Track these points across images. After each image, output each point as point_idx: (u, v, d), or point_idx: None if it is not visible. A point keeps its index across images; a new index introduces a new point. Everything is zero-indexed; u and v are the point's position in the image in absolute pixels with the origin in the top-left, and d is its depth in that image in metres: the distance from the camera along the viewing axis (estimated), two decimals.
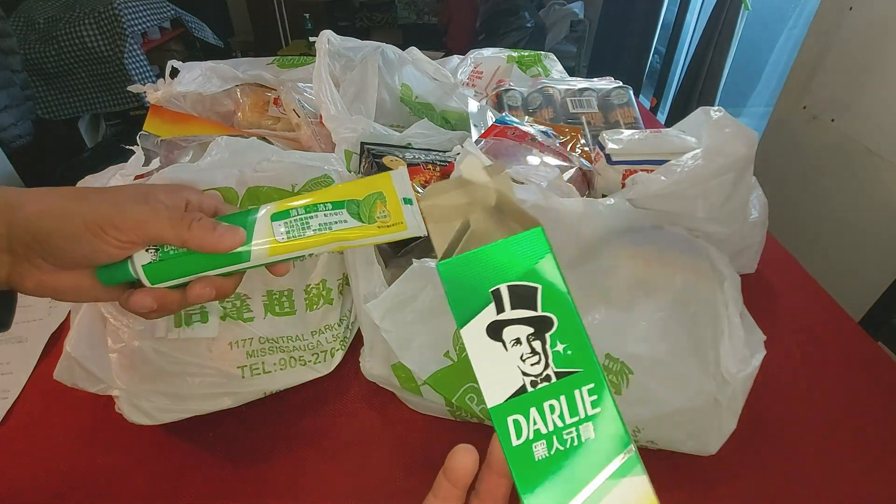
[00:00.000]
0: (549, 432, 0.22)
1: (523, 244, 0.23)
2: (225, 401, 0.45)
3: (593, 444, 0.22)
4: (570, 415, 0.22)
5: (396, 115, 0.72)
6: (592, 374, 0.22)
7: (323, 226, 0.32)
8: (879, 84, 1.04)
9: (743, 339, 0.42)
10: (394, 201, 0.32)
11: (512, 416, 0.22)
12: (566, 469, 0.21)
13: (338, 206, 0.32)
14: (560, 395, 0.22)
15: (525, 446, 0.21)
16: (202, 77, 0.74)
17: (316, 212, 0.32)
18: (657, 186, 0.46)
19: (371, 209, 0.32)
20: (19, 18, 1.85)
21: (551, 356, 0.22)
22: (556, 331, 0.22)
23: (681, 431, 0.41)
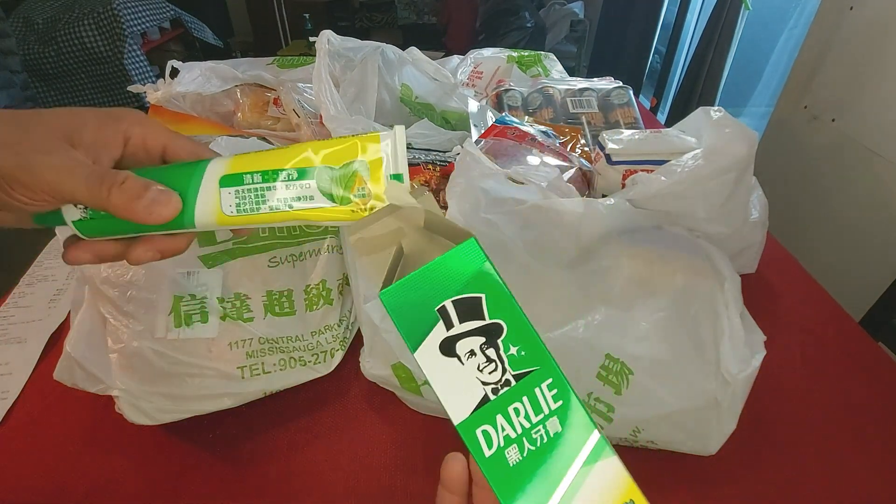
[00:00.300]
0: (518, 435, 0.22)
1: (459, 257, 0.23)
2: (225, 401, 0.45)
3: (562, 437, 0.22)
4: (534, 413, 0.22)
5: (396, 116, 0.72)
6: (549, 369, 0.23)
7: (282, 202, 0.25)
8: (879, 84, 1.04)
9: (743, 339, 0.42)
10: (377, 175, 0.25)
11: (480, 427, 0.22)
12: (541, 467, 0.22)
13: (305, 174, 0.25)
14: (522, 397, 0.22)
15: (498, 455, 0.22)
16: (202, 77, 0.74)
17: (275, 181, 0.25)
18: (657, 186, 0.46)
19: (347, 183, 0.25)
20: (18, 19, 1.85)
21: (507, 360, 0.23)
22: (506, 335, 0.23)
23: (681, 431, 0.41)
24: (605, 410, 0.41)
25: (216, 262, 0.46)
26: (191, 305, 0.44)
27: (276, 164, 0.25)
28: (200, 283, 0.45)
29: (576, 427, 0.22)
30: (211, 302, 0.44)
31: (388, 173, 0.25)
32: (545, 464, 0.22)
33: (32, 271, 0.66)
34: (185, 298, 0.44)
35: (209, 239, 0.46)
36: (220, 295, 0.45)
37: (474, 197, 0.44)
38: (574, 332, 0.44)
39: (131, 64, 1.88)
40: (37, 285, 0.64)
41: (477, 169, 0.46)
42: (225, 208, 0.25)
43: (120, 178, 0.24)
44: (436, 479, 0.42)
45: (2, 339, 0.56)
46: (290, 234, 0.48)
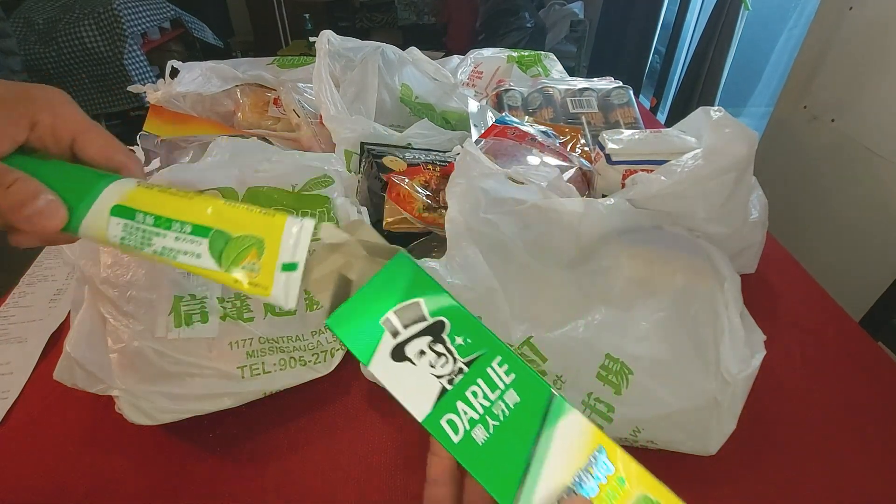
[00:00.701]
0: (481, 415, 0.23)
1: (392, 271, 0.25)
2: (225, 401, 0.45)
3: (522, 406, 0.23)
4: (491, 391, 0.23)
5: (396, 116, 0.72)
6: (495, 349, 0.24)
7: (167, 251, 0.25)
8: (879, 84, 1.04)
9: (743, 339, 0.42)
10: (271, 259, 0.24)
11: (444, 418, 0.23)
12: (509, 439, 0.23)
13: (200, 232, 0.25)
14: (477, 380, 0.23)
15: (466, 438, 0.23)
16: (202, 77, 0.74)
17: (167, 230, 0.25)
18: (657, 186, 0.46)
19: (239, 255, 0.24)
20: (19, 19, 1.85)
21: (456, 351, 0.24)
22: (450, 329, 0.24)
23: (681, 431, 0.41)
24: (605, 410, 0.41)
25: None
26: (191, 305, 0.44)
27: (174, 213, 0.25)
28: (201, 282, 0.45)
29: (532, 393, 0.23)
30: (211, 302, 0.44)
31: (282, 261, 0.24)
32: (512, 434, 0.23)
33: (32, 271, 0.66)
34: (186, 298, 0.44)
35: None
36: (221, 295, 0.45)
37: (474, 197, 0.44)
38: (574, 332, 0.44)
39: (131, 64, 1.88)
40: (37, 285, 0.64)
41: (477, 169, 0.46)
42: (110, 235, 0.25)
43: (7, 181, 0.23)
44: None
45: (2, 338, 0.56)
46: None
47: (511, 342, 0.43)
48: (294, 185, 0.49)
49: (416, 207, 0.51)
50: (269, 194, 0.48)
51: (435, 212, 0.51)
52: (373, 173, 0.56)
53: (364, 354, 0.24)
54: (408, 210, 0.51)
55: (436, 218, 0.50)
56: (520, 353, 0.43)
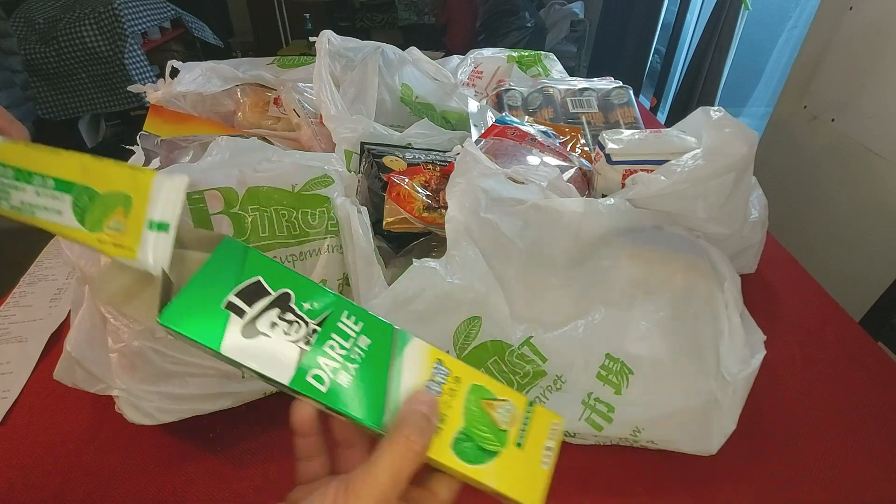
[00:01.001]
0: (341, 363, 0.25)
1: (223, 257, 0.25)
2: (225, 401, 0.45)
3: (374, 346, 0.27)
4: (345, 341, 0.26)
5: (397, 116, 0.72)
6: (341, 305, 0.27)
7: (25, 207, 0.23)
8: (879, 84, 1.04)
9: (743, 339, 0.42)
10: (138, 217, 0.23)
11: (309, 375, 0.25)
12: (369, 375, 0.26)
13: (63, 187, 0.23)
14: (331, 335, 0.26)
15: (333, 386, 0.25)
16: (202, 77, 0.74)
17: (27, 183, 0.23)
18: (657, 186, 0.46)
19: (104, 213, 0.23)
20: (19, 19, 1.85)
21: (306, 315, 0.26)
22: (296, 297, 0.26)
23: (681, 431, 0.41)
24: (605, 410, 0.41)
25: None
26: None
27: (36, 167, 0.24)
28: None
29: (380, 333, 0.27)
30: None
31: (149, 219, 0.23)
32: (371, 371, 0.26)
33: (33, 271, 0.66)
34: None
35: None
36: None
37: (474, 197, 0.44)
38: (574, 332, 0.44)
39: (132, 64, 1.88)
40: (37, 285, 0.64)
41: (477, 169, 0.46)
42: None
43: None
44: None
45: (2, 338, 0.56)
46: (290, 234, 0.48)
47: (511, 342, 0.43)
48: (294, 185, 0.49)
49: (416, 207, 0.51)
50: (269, 194, 0.48)
51: (435, 211, 0.51)
52: (373, 173, 0.56)
53: (213, 342, 0.24)
54: (408, 210, 0.51)
55: (436, 218, 0.50)
56: (520, 352, 0.43)
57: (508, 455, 0.27)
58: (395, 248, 0.56)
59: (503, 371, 0.42)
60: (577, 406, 0.42)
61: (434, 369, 0.27)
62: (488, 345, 0.43)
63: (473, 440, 0.27)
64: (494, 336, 0.43)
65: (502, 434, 0.27)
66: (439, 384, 0.27)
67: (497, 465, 0.27)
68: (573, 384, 0.42)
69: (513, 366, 0.42)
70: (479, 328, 0.43)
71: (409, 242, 0.55)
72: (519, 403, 0.28)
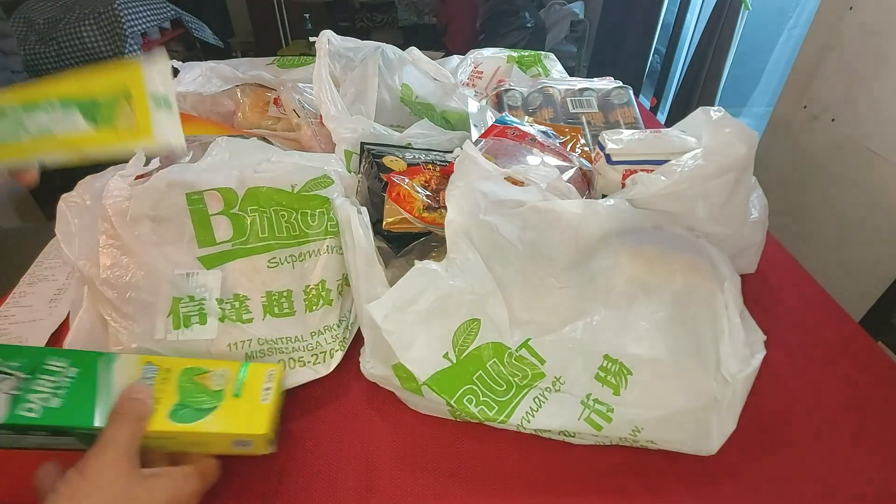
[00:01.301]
0: (51, 392, 0.31)
1: None
2: None
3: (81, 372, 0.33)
4: (54, 376, 0.32)
5: (397, 116, 0.72)
6: (45, 352, 0.34)
7: (43, 129, 0.26)
8: (879, 84, 1.04)
9: (743, 339, 0.42)
10: (142, 101, 0.26)
11: (21, 410, 0.30)
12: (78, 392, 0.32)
13: (68, 104, 0.26)
14: (40, 377, 0.32)
15: (45, 412, 0.31)
16: (202, 77, 0.74)
17: (36, 110, 0.26)
18: (657, 186, 0.46)
19: (111, 111, 0.26)
20: (19, 19, 1.85)
21: (12, 370, 0.32)
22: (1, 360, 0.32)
23: (681, 431, 0.41)
24: (604, 411, 0.41)
25: (215, 263, 0.46)
26: (190, 307, 0.44)
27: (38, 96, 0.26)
28: (199, 284, 0.45)
29: (86, 361, 0.33)
30: (210, 303, 0.44)
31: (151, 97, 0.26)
32: (79, 389, 0.32)
33: (33, 271, 0.66)
34: (184, 300, 0.44)
35: (208, 239, 0.46)
36: (220, 296, 0.45)
37: (473, 199, 0.44)
38: (573, 333, 0.44)
39: None
40: (37, 285, 0.64)
41: (476, 171, 0.46)
42: None
43: None
44: (436, 478, 0.42)
45: (2, 338, 0.56)
46: (289, 234, 0.48)
47: (509, 345, 0.43)
48: (294, 185, 0.49)
49: (416, 207, 0.51)
50: (269, 195, 0.48)
51: (435, 212, 0.51)
52: (373, 173, 0.56)
53: None
54: (408, 210, 0.51)
55: (436, 218, 0.50)
56: (518, 355, 0.43)
57: (227, 406, 0.34)
58: (395, 248, 0.56)
59: (502, 373, 0.42)
60: (577, 406, 0.42)
61: (143, 370, 0.34)
62: (487, 347, 0.43)
63: (189, 406, 0.33)
64: (493, 338, 0.43)
65: (218, 393, 0.34)
66: (150, 378, 0.33)
67: (216, 416, 0.33)
68: (572, 385, 0.42)
69: (511, 367, 0.42)
70: (478, 331, 0.43)
71: (409, 242, 0.55)
72: (233, 367, 0.36)
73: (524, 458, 0.44)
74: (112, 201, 0.44)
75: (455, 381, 0.41)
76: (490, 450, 0.45)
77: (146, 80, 0.26)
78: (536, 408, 0.41)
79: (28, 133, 0.26)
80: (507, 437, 0.45)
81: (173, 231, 0.45)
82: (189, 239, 0.45)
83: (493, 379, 0.42)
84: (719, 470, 0.43)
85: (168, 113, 0.26)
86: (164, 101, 0.26)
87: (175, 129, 0.27)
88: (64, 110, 0.26)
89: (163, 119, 0.26)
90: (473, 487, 0.42)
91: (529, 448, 0.45)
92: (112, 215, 0.44)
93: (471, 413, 0.41)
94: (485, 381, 0.42)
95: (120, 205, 0.44)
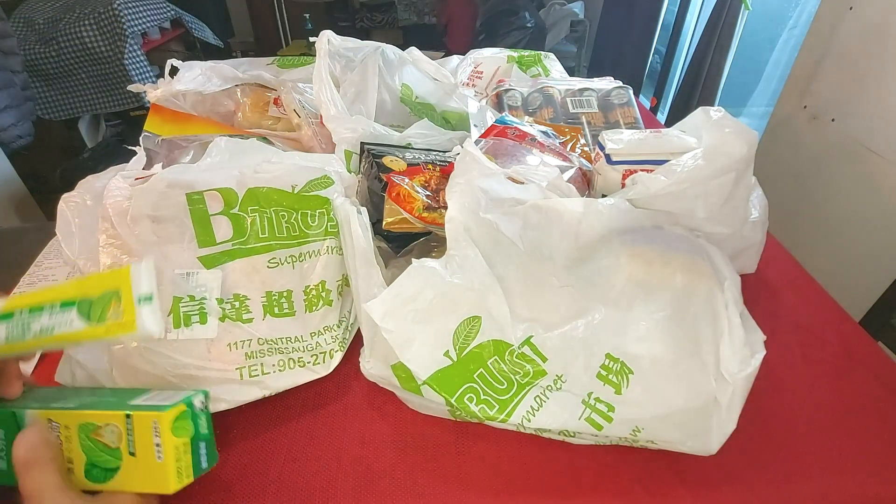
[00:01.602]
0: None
1: None
2: (222, 403, 0.45)
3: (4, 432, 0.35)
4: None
5: (397, 116, 0.72)
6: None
7: (45, 329, 0.31)
8: (879, 84, 1.04)
9: (743, 339, 0.42)
10: (129, 299, 0.31)
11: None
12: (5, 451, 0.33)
13: (68, 305, 0.31)
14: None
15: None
16: (202, 76, 0.74)
17: (41, 313, 0.31)
18: (657, 186, 0.46)
19: (104, 308, 0.31)
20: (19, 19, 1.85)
21: None
22: None
23: (681, 431, 0.41)
24: (605, 410, 0.41)
25: (215, 262, 0.46)
26: (190, 306, 0.44)
27: (43, 300, 0.31)
28: (199, 283, 0.45)
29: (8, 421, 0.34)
30: (210, 303, 0.44)
31: (137, 296, 0.31)
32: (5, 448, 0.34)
33: (32, 271, 0.66)
34: (184, 299, 0.44)
35: (208, 240, 0.46)
36: (220, 296, 0.45)
37: (474, 197, 0.44)
38: (574, 332, 0.44)
39: (131, 64, 1.88)
40: (37, 285, 0.64)
41: (476, 169, 0.46)
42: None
43: None
44: (436, 478, 0.42)
45: None
46: (289, 235, 0.48)
47: (511, 342, 0.43)
48: (294, 185, 0.49)
49: (416, 207, 0.51)
50: (269, 195, 0.48)
51: (435, 211, 0.51)
52: (373, 173, 0.56)
53: None
54: (408, 210, 0.51)
55: (435, 218, 0.50)
56: (520, 352, 0.43)
57: (127, 466, 0.32)
58: (395, 248, 0.56)
59: (503, 371, 0.42)
60: (578, 406, 0.42)
61: (49, 425, 0.34)
62: (488, 344, 0.43)
63: (98, 465, 0.33)
64: (494, 336, 0.43)
65: (116, 451, 0.33)
66: (56, 435, 0.33)
67: (122, 475, 0.32)
68: (573, 384, 0.42)
69: (513, 365, 0.42)
70: (478, 328, 0.43)
71: (409, 242, 0.55)
72: (119, 422, 0.32)
73: (524, 458, 0.44)
74: (112, 201, 0.44)
75: (456, 380, 0.41)
76: (490, 450, 0.45)
77: (133, 283, 0.31)
78: (537, 407, 0.41)
79: (31, 334, 0.31)
80: (507, 437, 0.45)
81: (173, 231, 0.45)
82: (189, 239, 0.45)
83: (494, 377, 0.42)
84: (719, 470, 0.43)
85: (150, 307, 0.30)
86: (147, 298, 0.31)
87: (156, 318, 0.30)
88: (63, 311, 0.31)
89: (145, 313, 0.30)
90: (474, 487, 0.42)
91: (529, 448, 0.45)
92: (112, 215, 0.44)
93: (471, 412, 0.41)
94: (486, 380, 0.42)
95: (120, 205, 0.44)
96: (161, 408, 0.32)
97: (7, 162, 1.45)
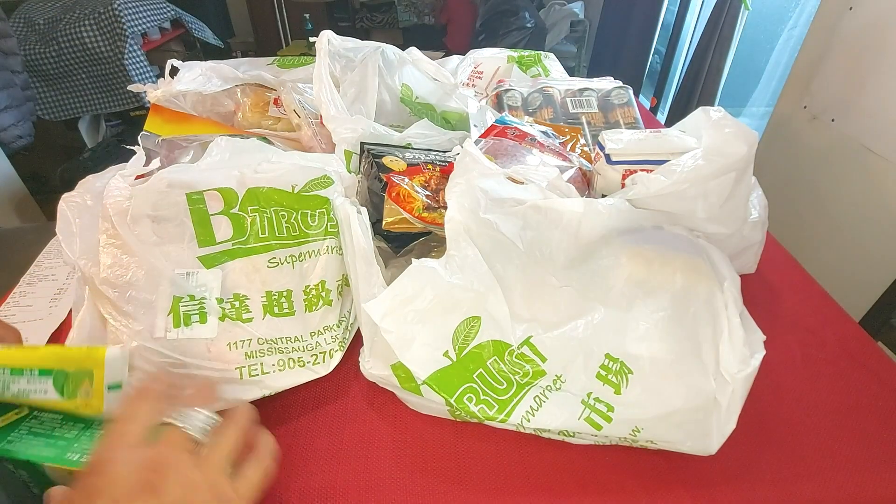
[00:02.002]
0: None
1: None
2: (223, 402, 0.45)
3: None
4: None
5: (397, 116, 0.72)
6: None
7: (22, 392, 0.33)
8: (879, 84, 1.04)
9: (743, 339, 0.42)
10: (99, 384, 0.33)
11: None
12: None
13: (45, 374, 0.33)
14: None
15: None
16: (202, 77, 0.74)
17: (21, 376, 0.33)
18: (657, 186, 0.46)
19: (76, 386, 0.33)
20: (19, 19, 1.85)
21: None
22: None
23: (681, 431, 0.41)
24: (604, 410, 0.41)
25: (215, 262, 0.46)
26: (190, 306, 0.44)
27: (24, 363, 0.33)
28: (199, 283, 0.45)
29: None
30: (210, 302, 0.44)
31: (107, 384, 0.33)
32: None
33: (33, 271, 0.66)
34: (185, 299, 0.44)
35: (208, 239, 0.46)
36: (220, 295, 0.45)
37: (474, 197, 0.44)
38: (574, 332, 0.44)
39: (132, 64, 1.88)
40: (37, 285, 0.64)
41: (476, 169, 0.46)
42: None
43: None
44: (436, 478, 0.42)
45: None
46: (289, 234, 0.48)
47: (511, 342, 0.43)
48: (294, 185, 0.49)
49: (416, 207, 0.51)
50: (269, 195, 0.48)
51: (435, 211, 0.51)
52: (373, 173, 0.56)
53: None
54: (408, 210, 0.51)
55: (435, 218, 0.50)
56: (519, 352, 0.43)
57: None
58: (395, 248, 0.56)
59: (502, 371, 0.42)
60: (577, 405, 0.42)
61: None
62: (488, 344, 0.43)
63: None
64: (494, 336, 0.43)
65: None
66: None
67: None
68: (573, 384, 0.42)
69: (512, 365, 0.42)
70: (478, 328, 0.43)
71: (408, 242, 0.55)
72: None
73: (524, 458, 0.44)
74: (112, 201, 0.44)
75: (455, 380, 0.41)
76: (490, 450, 0.45)
77: (106, 369, 0.33)
78: (537, 407, 0.41)
79: (9, 392, 0.33)
80: (506, 437, 0.45)
81: (173, 231, 0.45)
82: (189, 239, 0.45)
83: (494, 377, 0.42)
84: (719, 470, 0.43)
85: (117, 393, 0.34)
86: (116, 386, 0.34)
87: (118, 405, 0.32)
88: (40, 379, 0.33)
89: (112, 398, 0.33)
90: (473, 487, 0.42)
91: (529, 448, 0.45)
92: (112, 215, 0.44)
93: (471, 412, 0.41)
94: (485, 380, 0.42)
95: (120, 205, 0.44)
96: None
97: (7, 162, 1.45)
